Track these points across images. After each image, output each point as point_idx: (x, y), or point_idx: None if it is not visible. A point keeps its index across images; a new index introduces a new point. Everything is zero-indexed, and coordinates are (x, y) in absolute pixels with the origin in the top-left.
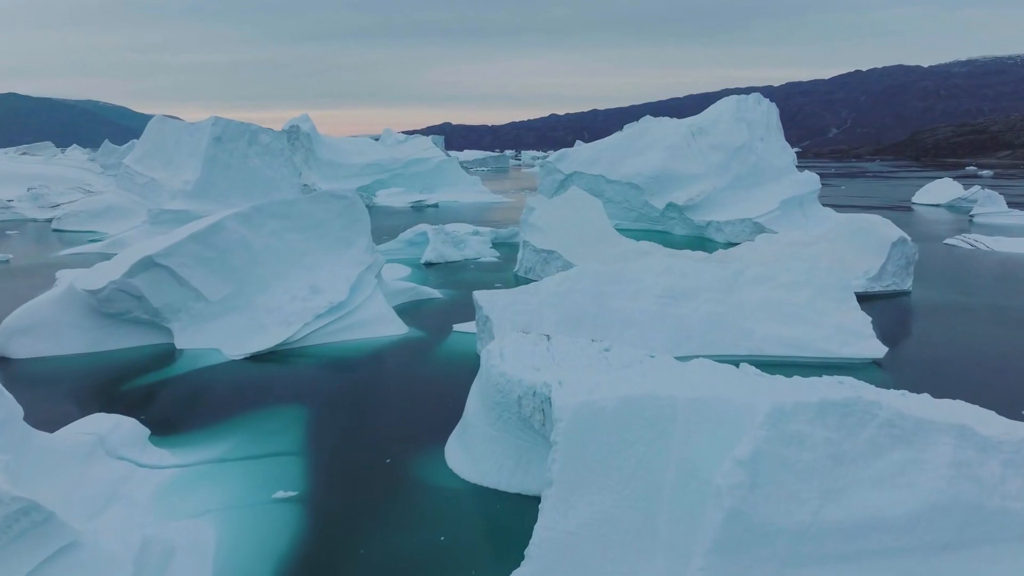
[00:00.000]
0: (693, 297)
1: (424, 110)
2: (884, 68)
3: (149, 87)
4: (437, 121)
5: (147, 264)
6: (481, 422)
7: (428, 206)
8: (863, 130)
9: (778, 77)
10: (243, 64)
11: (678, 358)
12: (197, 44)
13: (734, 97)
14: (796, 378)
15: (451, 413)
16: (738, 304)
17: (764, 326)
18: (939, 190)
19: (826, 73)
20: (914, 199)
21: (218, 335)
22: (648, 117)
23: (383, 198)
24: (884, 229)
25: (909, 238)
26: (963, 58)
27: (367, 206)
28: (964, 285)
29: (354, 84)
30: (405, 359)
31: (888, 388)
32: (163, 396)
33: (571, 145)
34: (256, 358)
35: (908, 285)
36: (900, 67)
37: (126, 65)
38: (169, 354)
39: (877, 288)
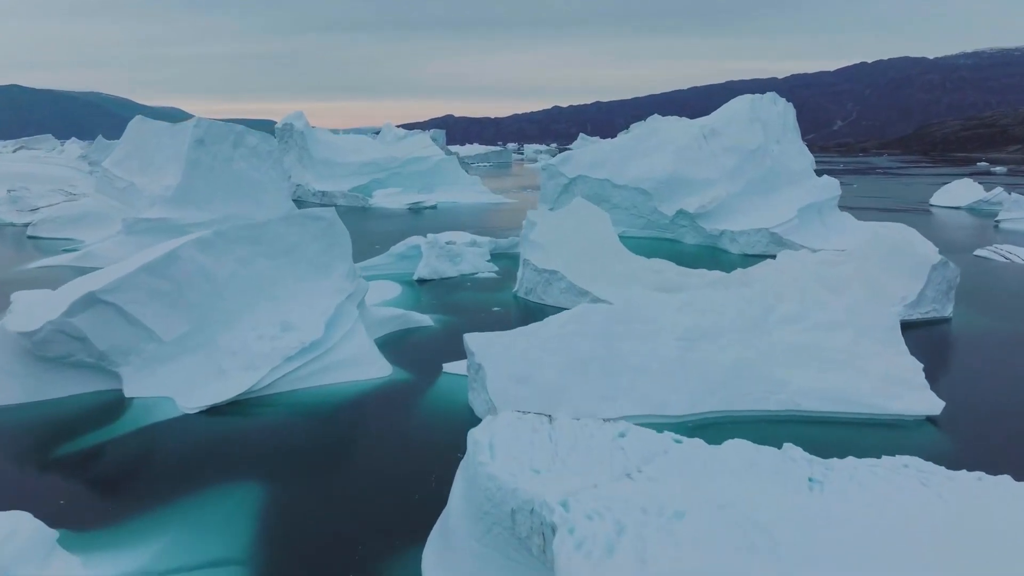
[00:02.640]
0: (716, 339)
1: (426, 103)
2: (889, 60)
3: (152, 79)
4: (439, 113)
5: (90, 301)
6: (466, 532)
7: (426, 208)
8: (868, 123)
9: (782, 69)
10: (245, 56)
11: (701, 416)
12: (199, 36)
13: (748, 96)
14: (851, 459)
15: (434, 494)
16: (768, 347)
17: (799, 374)
18: (959, 191)
19: (831, 65)
20: (932, 200)
21: (173, 381)
22: (656, 116)
23: (380, 199)
24: (921, 248)
25: (951, 261)
26: (969, 49)
27: (363, 208)
28: (1009, 308)
29: (356, 76)
30: (385, 412)
31: (955, 463)
32: (95, 468)
33: (574, 138)
34: (214, 410)
35: (949, 311)
36: (905, 59)
37: (128, 57)
38: (115, 405)
39: (915, 316)
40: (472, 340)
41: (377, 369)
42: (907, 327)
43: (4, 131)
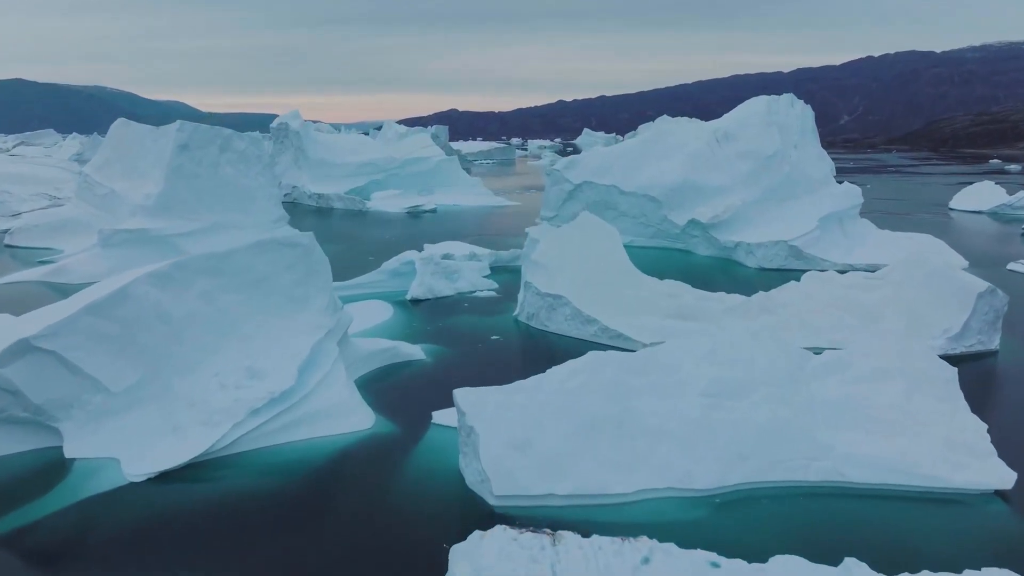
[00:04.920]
0: (747, 394)
1: (430, 97)
2: (896, 54)
3: (155, 73)
4: (443, 108)
5: (22, 349)
6: None
7: (425, 211)
8: (875, 118)
9: (788, 63)
10: (248, 50)
11: (731, 490)
12: (202, 30)
13: (764, 98)
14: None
15: None
16: (807, 404)
17: (844, 437)
18: (980, 194)
19: (837, 59)
20: (952, 204)
21: (120, 439)
22: (665, 117)
23: (378, 201)
24: (964, 276)
25: (999, 289)
26: (977, 43)
27: (360, 211)
28: None
29: (360, 70)
30: (364, 478)
31: None
32: (17, 554)
33: (579, 132)
34: (166, 475)
35: (996, 343)
36: (913, 53)
37: (131, 51)
38: (52, 469)
39: (958, 349)
40: (463, 398)
41: (358, 420)
42: (951, 363)
43: (7, 125)
